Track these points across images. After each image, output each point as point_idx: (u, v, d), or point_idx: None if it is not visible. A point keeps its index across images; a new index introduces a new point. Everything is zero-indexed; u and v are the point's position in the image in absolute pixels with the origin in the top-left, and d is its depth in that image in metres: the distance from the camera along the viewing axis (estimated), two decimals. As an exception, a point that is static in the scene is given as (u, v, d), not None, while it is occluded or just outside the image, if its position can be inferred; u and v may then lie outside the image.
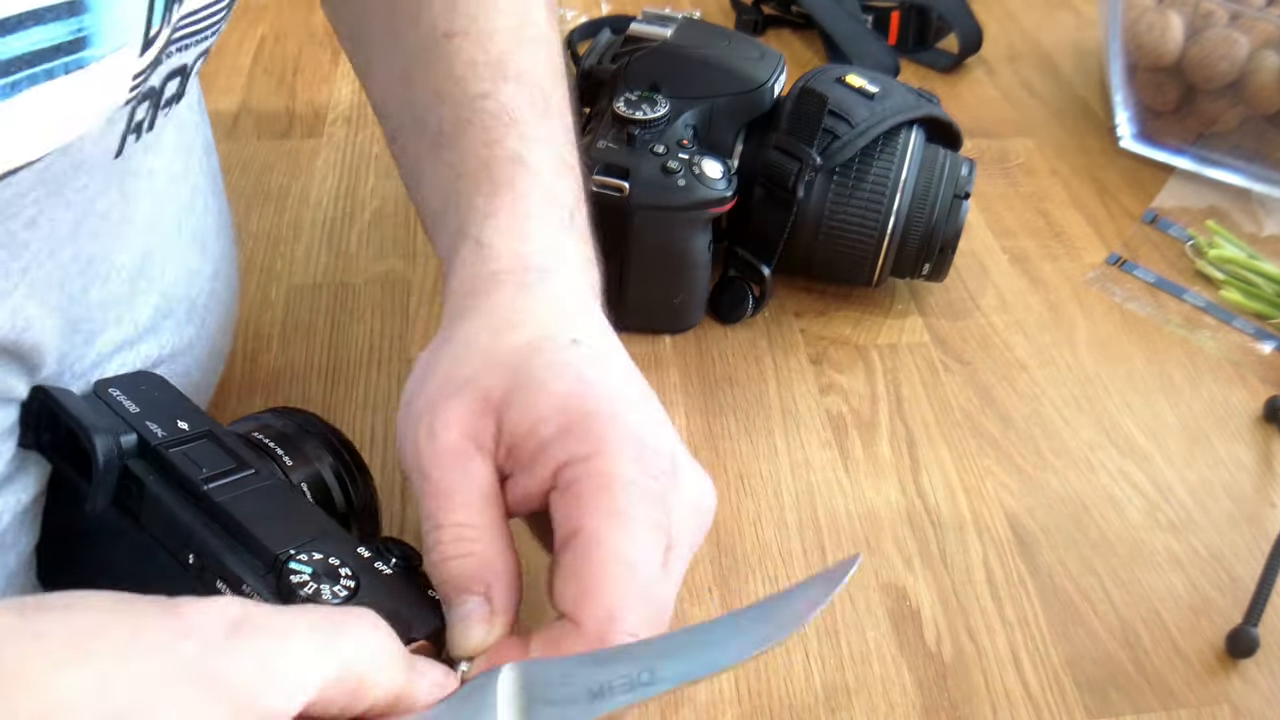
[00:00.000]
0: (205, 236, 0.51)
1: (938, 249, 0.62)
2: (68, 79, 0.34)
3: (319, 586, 0.35)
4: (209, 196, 0.52)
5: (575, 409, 0.37)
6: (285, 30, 0.89)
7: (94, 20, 0.34)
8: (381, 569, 0.37)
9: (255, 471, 0.39)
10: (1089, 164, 0.80)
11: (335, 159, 0.76)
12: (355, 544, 0.37)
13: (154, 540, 0.38)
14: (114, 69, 0.36)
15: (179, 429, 0.40)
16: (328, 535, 0.37)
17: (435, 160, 0.47)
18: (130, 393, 0.41)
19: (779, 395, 0.61)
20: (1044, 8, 0.98)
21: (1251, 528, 0.55)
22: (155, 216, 0.46)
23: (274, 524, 0.37)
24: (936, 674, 0.48)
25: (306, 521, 0.38)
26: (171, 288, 0.48)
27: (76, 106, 0.36)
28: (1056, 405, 0.61)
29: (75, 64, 0.34)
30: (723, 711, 0.47)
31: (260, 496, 0.38)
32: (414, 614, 0.35)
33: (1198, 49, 0.74)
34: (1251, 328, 0.67)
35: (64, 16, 0.33)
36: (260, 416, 0.46)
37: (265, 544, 0.36)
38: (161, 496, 0.38)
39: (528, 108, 0.47)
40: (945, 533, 0.54)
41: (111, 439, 0.39)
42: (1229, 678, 0.49)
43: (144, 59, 0.37)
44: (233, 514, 0.37)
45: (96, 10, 0.34)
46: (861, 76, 0.63)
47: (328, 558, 0.36)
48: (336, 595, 0.35)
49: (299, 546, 0.36)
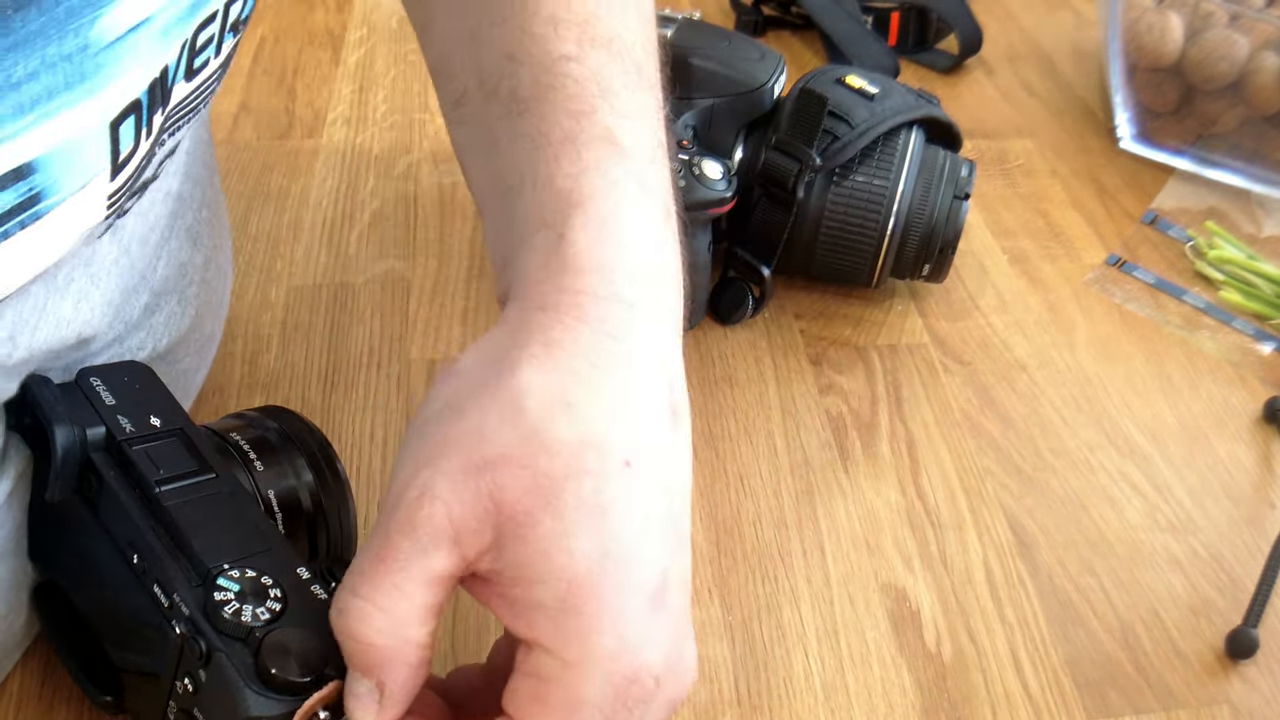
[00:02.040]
0: (198, 230, 0.51)
1: (937, 250, 0.62)
2: (24, 234, 0.34)
3: (241, 606, 0.34)
4: (205, 189, 0.52)
5: (584, 593, 0.32)
6: (285, 31, 0.89)
7: (45, 177, 0.33)
8: (317, 593, 0.35)
9: (215, 477, 0.39)
10: (1089, 164, 0.80)
11: (335, 160, 0.76)
12: (297, 564, 0.36)
13: (107, 535, 0.38)
14: (81, 204, 0.35)
15: (150, 425, 0.40)
16: (269, 552, 0.36)
17: (510, 130, 0.40)
18: (111, 383, 0.41)
19: (779, 396, 0.61)
20: (1044, 8, 0.98)
21: (1251, 529, 0.55)
22: (147, 231, 0.46)
23: (216, 535, 0.36)
24: (936, 675, 0.48)
25: (251, 535, 0.37)
26: (162, 284, 0.48)
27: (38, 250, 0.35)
28: (1056, 406, 0.61)
29: (31, 219, 0.34)
30: (722, 712, 0.47)
31: (211, 505, 0.38)
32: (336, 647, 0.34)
33: (1197, 50, 0.74)
34: (1251, 328, 0.67)
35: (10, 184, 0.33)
36: (245, 415, 0.46)
37: (200, 555, 0.35)
38: (118, 492, 0.38)
39: (620, 76, 0.40)
40: (945, 533, 0.54)
41: (73, 431, 0.39)
42: (1228, 679, 0.49)
43: (119, 179, 0.37)
44: (177, 520, 0.36)
45: (47, 168, 0.33)
46: (861, 77, 0.63)
47: (260, 576, 0.35)
48: (258, 617, 0.34)
49: (234, 561, 0.35)
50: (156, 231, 0.47)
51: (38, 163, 0.33)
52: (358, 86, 0.83)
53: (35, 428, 0.40)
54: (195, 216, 0.50)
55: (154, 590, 0.35)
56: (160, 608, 0.35)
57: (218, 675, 0.33)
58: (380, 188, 0.73)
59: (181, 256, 0.49)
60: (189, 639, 0.34)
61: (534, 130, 0.39)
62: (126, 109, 0.36)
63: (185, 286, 0.50)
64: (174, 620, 0.35)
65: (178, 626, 0.35)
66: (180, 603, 0.34)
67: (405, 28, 0.90)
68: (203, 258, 0.51)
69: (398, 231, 0.70)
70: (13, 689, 0.45)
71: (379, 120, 0.79)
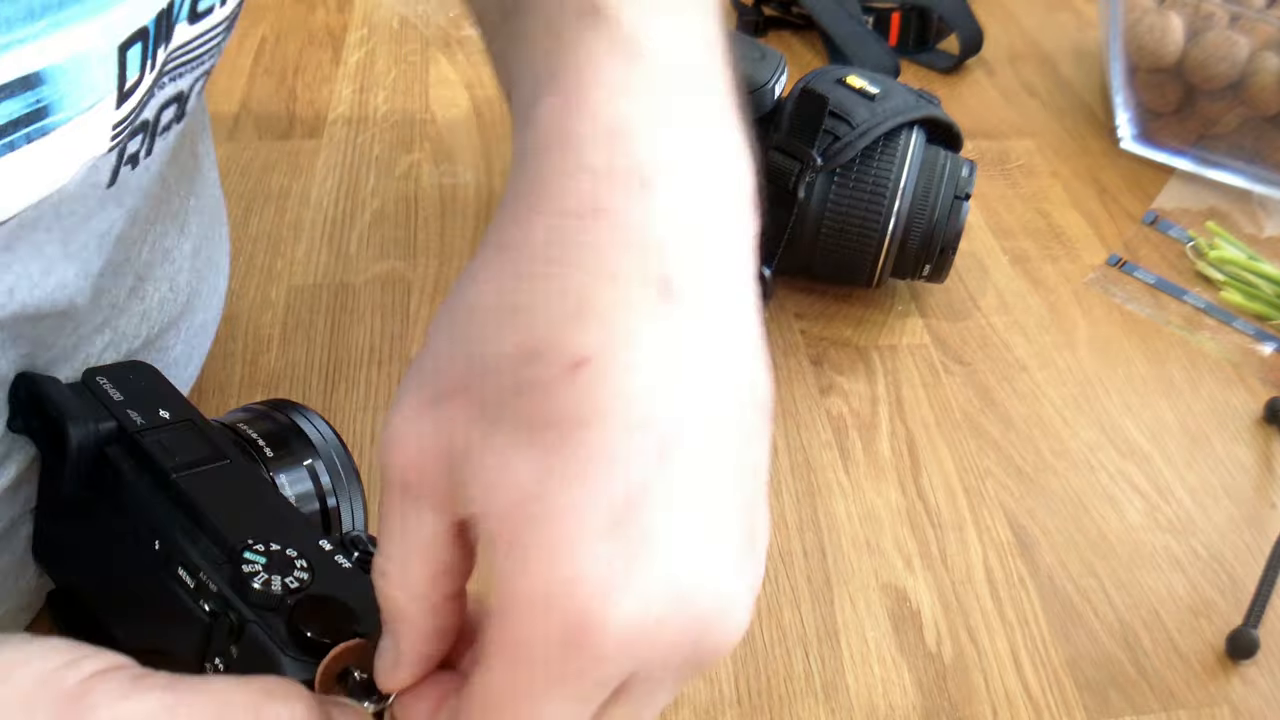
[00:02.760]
0: (185, 217, 0.51)
1: (938, 250, 0.62)
2: (30, 147, 0.34)
3: (270, 577, 0.34)
4: (194, 178, 0.52)
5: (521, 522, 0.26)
6: (286, 31, 0.89)
7: (53, 90, 0.33)
8: (341, 562, 0.36)
9: (229, 462, 0.39)
10: (1089, 165, 0.80)
11: (336, 159, 0.76)
12: (317, 537, 0.37)
13: (126, 525, 0.38)
14: (86, 127, 0.35)
15: (160, 417, 0.41)
16: (289, 527, 0.37)
17: (503, 35, 0.36)
18: (118, 382, 0.42)
19: (779, 396, 0.61)
20: (1044, 9, 0.98)
21: (1251, 529, 0.55)
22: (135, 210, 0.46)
23: (236, 514, 0.37)
24: (937, 675, 0.48)
25: (270, 513, 0.38)
26: (146, 268, 0.48)
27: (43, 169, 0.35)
28: (1057, 406, 0.61)
29: (38, 132, 0.34)
30: (722, 712, 0.47)
31: (228, 487, 0.38)
32: (365, 607, 0.34)
33: (1198, 50, 0.74)
34: (1252, 329, 0.67)
35: (18, 92, 0.33)
36: (251, 408, 0.46)
37: (224, 534, 0.36)
38: (134, 482, 0.38)
39: None
40: (945, 533, 0.54)
41: (87, 425, 0.39)
42: (1229, 679, 0.49)
43: (124, 109, 0.37)
44: (197, 503, 0.37)
45: (55, 81, 0.33)
46: (862, 77, 0.63)
47: (285, 549, 0.36)
48: (288, 587, 0.34)
49: (257, 537, 0.36)
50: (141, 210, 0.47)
51: (46, 74, 0.33)
52: (359, 86, 0.83)
53: (45, 428, 0.41)
54: (182, 204, 0.51)
55: (179, 573, 0.36)
56: (186, 589, 0.36)
57: (251, 646, 0.33)
58: (381, 187, 0.73)
59: (167, 242, 0.49)
60: (219, 615, 0.34)
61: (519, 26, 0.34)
62: (135, 35, 0.36)
63: (175, 274, 0.50)
64: (201, 599, 0.35)
65: (206, 605, 0.35)
66: (208, 581, 0.35)
67: (406, 28, 0.90)
68: (191, 245, 0.52)
69: (398, 231, 0.70)
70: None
71: (380, 120, 0.79)
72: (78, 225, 0.41)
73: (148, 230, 0.48)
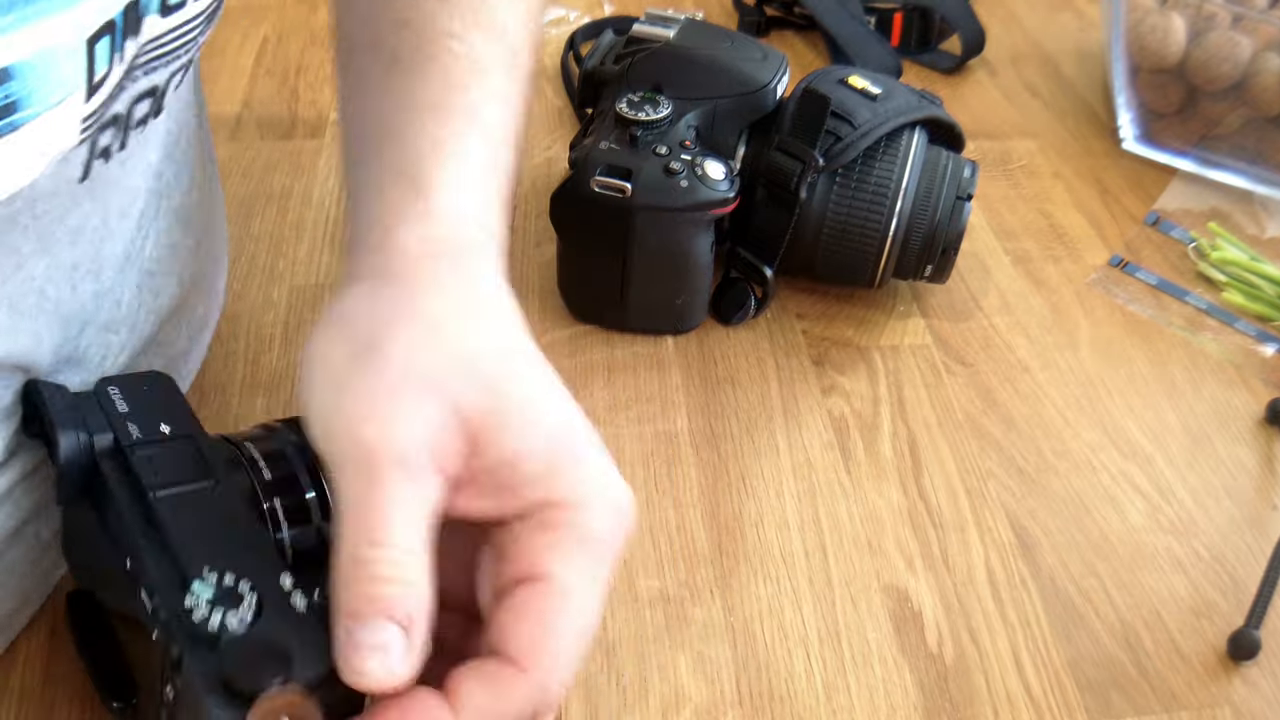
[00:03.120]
0: (188, 212, 0.51)
1: (940, 250, 0.62)
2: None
3: (211, 611, 0.33)
4: (194, 172, 0.52)
5: (564, 450, 0.35)
6: (287, 31, 0.89)
7: (21, 86, 0.33)
8: (295, 603, 0.35)
9: (214, 484, 0.39)
10: (1091, 166, 0.79)
11: (338, 160, 0.76)
12: (280, 573, 0.36)
13: (108, 538, 0.38)
14: (55, 121, 0.35)
15: (160, 432, 0.40)
16: (252, 558, 0.36)
17: (386, 84, 0.43)
18: (128, 392, 0.41)
19: (781, 396, 0.61)
20: (1047, 10, 0.98)
21: (1253, 530, 0.55)
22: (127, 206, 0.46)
23: (203, 541, 0.36)
24: (938, 676, 0.48)
25: (237, 541, 0.37)
26: (154, 264, 0.48)
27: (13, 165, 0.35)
28: (1058, 407, 0.61)
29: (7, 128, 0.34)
30: (723, 712, 0.47)
31: (204, 511, 0.38)
32: (306, 654, 0.33)
33: (1200, 51, 0.74)
34: (1254, 330, 0.67)
35: None
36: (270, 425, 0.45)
37: (183, 560, 0.35)
38: (118, 497, 0.38)
39: (497, 62, 0.43)
40: (947, 534, 0.54)
41: (78, 437, 0.39)
42: (1230, 680, 0.49)
43: (92, 102, 0.37)
44: (164, 523, 0.36)
45: (24, 77, 0.33)
46: (864, 78, 0.63)
47: (238, 582, 0.34)
48: (228, 624, 0.33)
49: (214, 565, 0.35)
50: (137, 206, 0.47)
51: (14, 69, 0.33)
52: (360, 86, 0.83)
53: (44, 435, 0.41)
54: (184, 199, 0.51)
55: (141, 595, 0.35)
56: (144, 612, 0.35)
57: (187, 682, 0.33)
58: (383, 188, 0.73)
59: (172, 237, 0.50)
60: (166, 644, 0.34)
61: (408, 90, 0.42)
62: (103, 28, 0.36)
63: (181, 270, 0.50)
64: (155, 624, 0.35)
65: (155, 631, 0.34)
66: (160, 607, 0.34)
67: (408, 28, 0.90)
68: (194, 240, 0.52)
69: (400, 231, 0.70)
70: (14, 686, 0.46)
71: (381, 120, 0.79)
72: (54, 223, 0.41)
73: (150, 227, 0.48)
